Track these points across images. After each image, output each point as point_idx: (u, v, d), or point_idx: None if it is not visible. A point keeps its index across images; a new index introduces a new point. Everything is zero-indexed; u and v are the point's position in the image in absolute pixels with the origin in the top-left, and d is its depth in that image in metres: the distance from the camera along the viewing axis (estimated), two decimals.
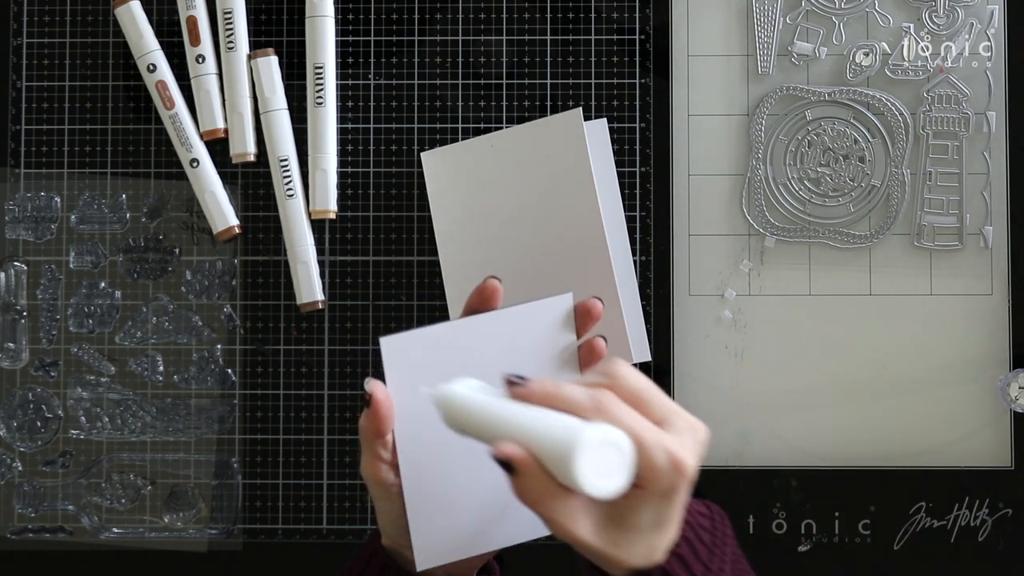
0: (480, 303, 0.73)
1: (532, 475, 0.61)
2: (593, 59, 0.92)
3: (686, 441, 0.63)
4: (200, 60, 0.92)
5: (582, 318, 0.72)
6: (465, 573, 0.75)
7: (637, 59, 0.92)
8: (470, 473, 0.71)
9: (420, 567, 0.72)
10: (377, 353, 0.75)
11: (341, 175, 0.92)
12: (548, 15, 0.92)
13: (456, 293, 0.90)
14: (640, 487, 0.62)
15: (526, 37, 0.92)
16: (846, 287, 0.92)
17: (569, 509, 0.62)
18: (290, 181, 0.91)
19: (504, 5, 0.92)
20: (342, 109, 0.92)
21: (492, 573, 0.78)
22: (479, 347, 0.72)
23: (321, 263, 0.92)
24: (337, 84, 0.92)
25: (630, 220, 0.91)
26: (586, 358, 0.73)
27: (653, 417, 0.64)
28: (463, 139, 0.92)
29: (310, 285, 0.91)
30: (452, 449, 0.71)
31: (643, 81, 0.92)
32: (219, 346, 0.92)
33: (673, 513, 0.65)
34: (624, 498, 0.62)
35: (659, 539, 0.65)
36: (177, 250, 0.92)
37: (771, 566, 0.90)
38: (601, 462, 0.60)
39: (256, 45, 0.93)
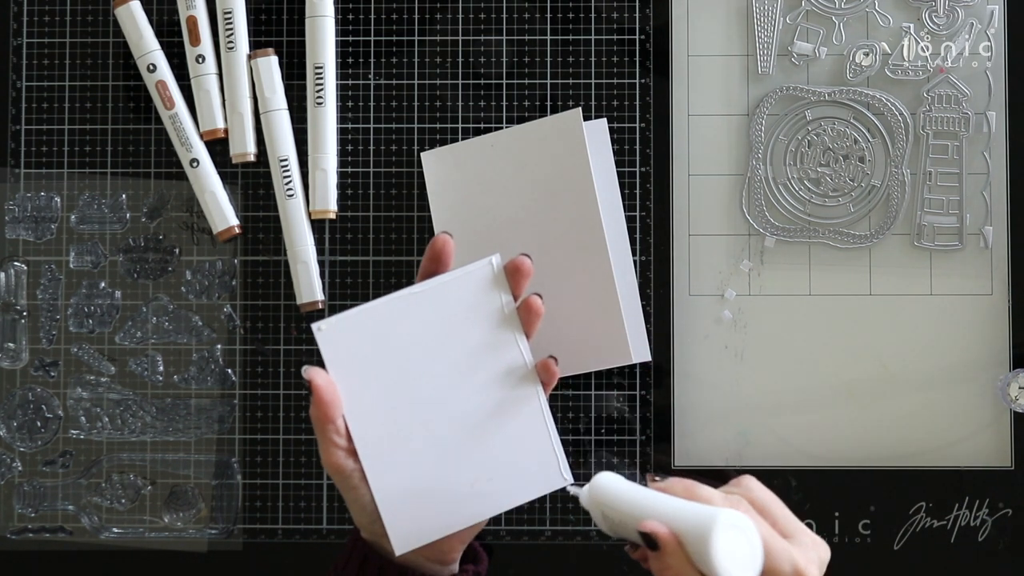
0: (432, 260, 0.75)
1: (673, 553, 0.64)
2: (593, 59, 0.92)
3: (811, 556, 0.67)
4: (200, 60, 0.92)
5: (513, 276, 0.75)
6: (444, 558, 0.76)
7: (637, 59, 0.92)
8: (428, 448, 0.73)
9: (399, 551, 0.73)
10: None
11: (341, 175, 0.92)
12: (548, 15, 0.92)
13: None
14: None
15: (526, 37, 0.92)
16: (846, 287, 0.92)
17: None
18: (290, 181, 0.91)
19: (504, 5, 0.92)
20: (342, 109, 0.92)
21: (480, 562, 0.79)
22: (414, 320, 0.73)
23: (321, 263, 0.92)
24: (337, 84, 0.92)
25: (630, 220, 0.91)
26: (526, 317, 0.76)
27: (779, 528, 0.67)
28: (463, 139, 0.92)
29: (310, 285, 0.91)
30: (405, 423, 0.73)
31: (643, 81, 0.92)
32: (219, 346, 0.92)
33: None
34: None
35: None
36: (177, 250, 0.92)
37: None
38: (733, 550, 0.63)
39: (256, 45, 0.93)
